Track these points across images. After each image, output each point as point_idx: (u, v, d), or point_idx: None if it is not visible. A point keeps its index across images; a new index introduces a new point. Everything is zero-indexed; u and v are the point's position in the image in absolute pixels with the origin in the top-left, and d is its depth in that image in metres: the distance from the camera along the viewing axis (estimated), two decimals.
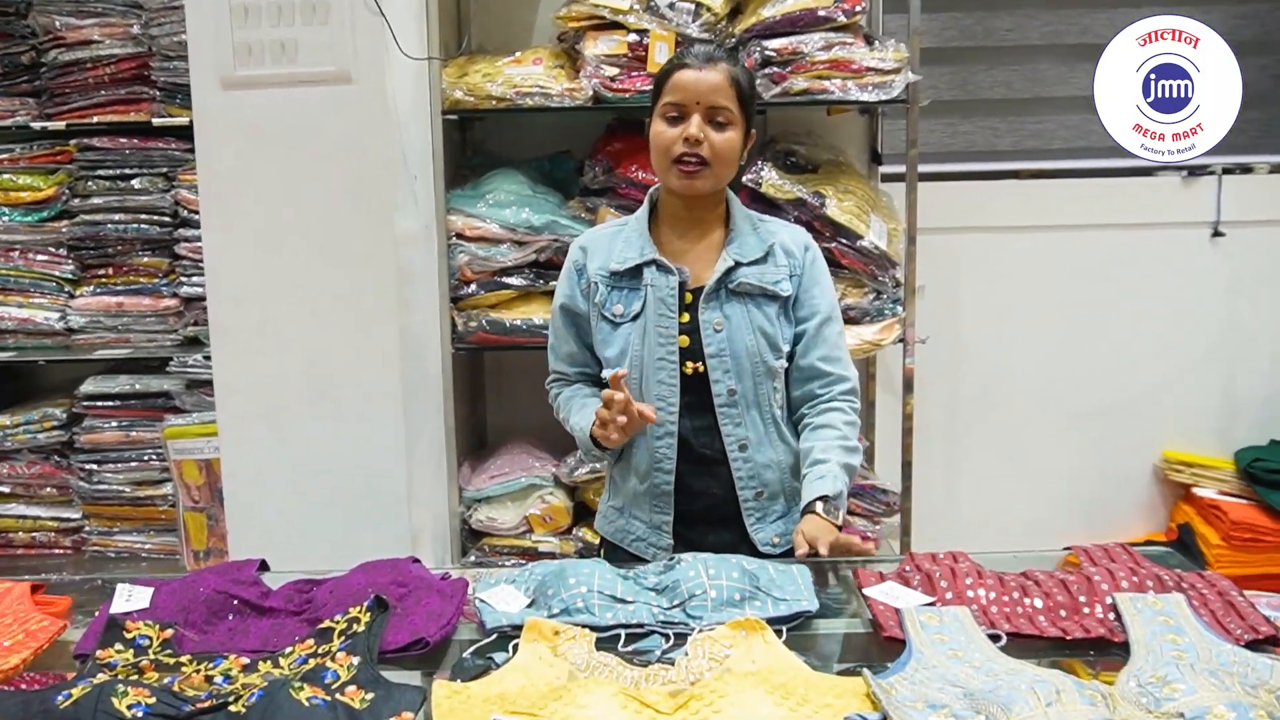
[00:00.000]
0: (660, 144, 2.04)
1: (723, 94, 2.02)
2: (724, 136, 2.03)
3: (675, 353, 2.07)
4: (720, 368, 2.07)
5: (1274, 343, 3.64)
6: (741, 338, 2.07)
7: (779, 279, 2.11)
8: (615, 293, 2.11)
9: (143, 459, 3.14)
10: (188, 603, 1.75)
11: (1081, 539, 3.55)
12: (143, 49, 3.02)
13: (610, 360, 2.12)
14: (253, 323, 2.64)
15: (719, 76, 2.02)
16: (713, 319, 2.07)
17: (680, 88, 2.02)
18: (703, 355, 2.07)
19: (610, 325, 2.12)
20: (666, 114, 2.04)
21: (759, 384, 2.09)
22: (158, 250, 3.11)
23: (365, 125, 2.56)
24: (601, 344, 2.13)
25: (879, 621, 1.69)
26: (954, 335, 3.45)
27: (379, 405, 2.65)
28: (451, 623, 1.71)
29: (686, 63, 2.04)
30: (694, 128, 2.01)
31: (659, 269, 2.09)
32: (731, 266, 2.08)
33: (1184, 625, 1.64)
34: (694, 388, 2.09)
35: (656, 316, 2.08)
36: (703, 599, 1.73)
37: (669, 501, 2.13)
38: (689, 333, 2.08)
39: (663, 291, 2.08)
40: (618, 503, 2.22)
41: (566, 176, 3.24)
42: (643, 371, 2.09)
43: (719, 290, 2.08)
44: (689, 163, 2.02)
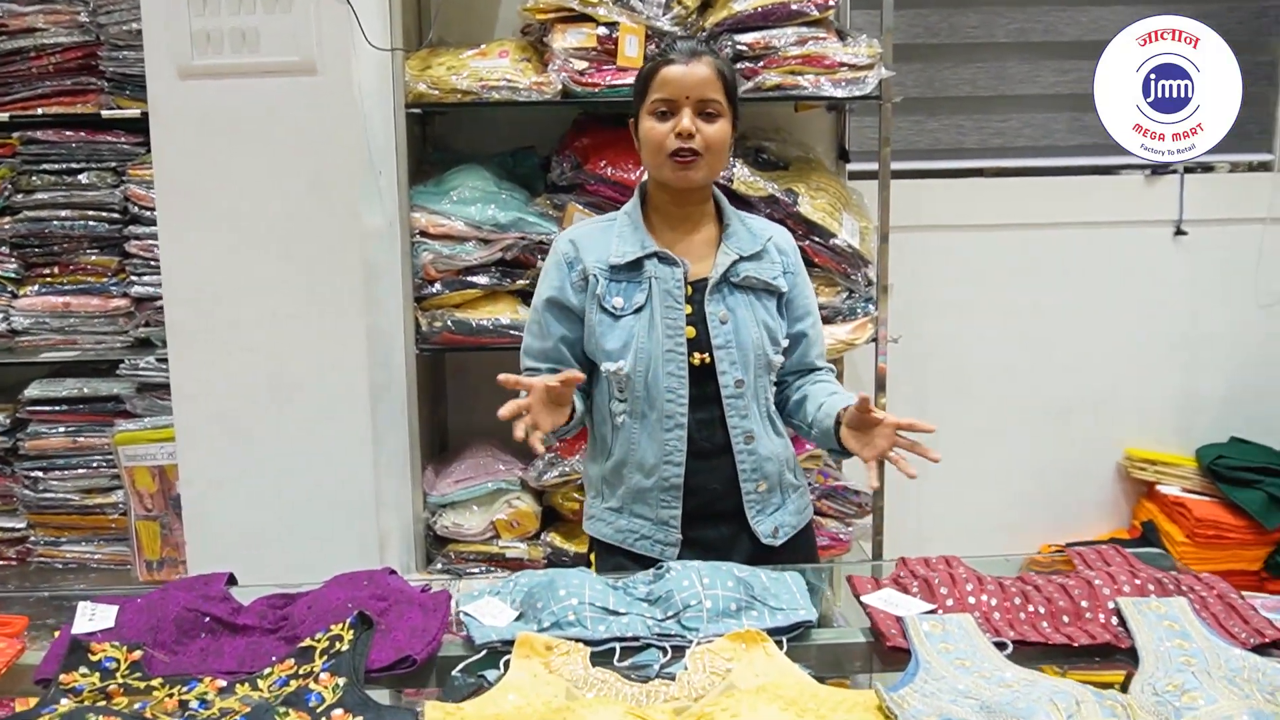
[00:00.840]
0: (653, 140, 2.05)
1: (711, 86, 2.03)
2: (715, 128, 2.04)
3: (684, 344, 2.07)
4: (727, 359, 2.07)
5: (1234, 340, 3.67)
6: (748, 330, 2.09)
7: (776, 275, 2.14)
8: (615, 285, 2.09)
9: (91, 465, 3.03)
10: (156, 621, 1.66)
11: (1047, 537, 3.67)
12: (90, 38, 2.89)
13: (611, 353, 2.08)
14: (211, 323, 2.53)
15: (706, 70, 2.03)
16: (718, 311, 2.08)
17: (669, 83, 2.03)
18: (709, 347, 2.07)
19: (610, 318, 2.09)
20: (656, 110, 2.04)
21: (759, 376, 2.11)
22: (106, 248, 2.99)
23: (330, 118, 2.47)
24: (601, 337, 2.09)
25: (880, 631, 1.66)
26: (920, 334, 3.43)
27: (346, 408, 2.56)
28: (437, 639, 1.64)
29: (672, 59, 2.05)
30: (686, 121, 2.02)
31: (662, 261, 2.09)
32: (734, 260, 2.10)
33: (1190, 630, 1.62)
34: (700, 379, 2.08)
35: (663, 309, 2.07)
36: (698, 609, 1.69)
37: (677, 496, 2.10)
38: (693, 324, 2.08)
39: (668, 284, 2.08)
40: (614, 503, 2.17)
41: (530, 172, 3.17)
42: (649, 364, 2.06)
43: (723, 284, 2.09)
44: (684, 155, 2.03)
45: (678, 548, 2.10)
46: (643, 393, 2.07)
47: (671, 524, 2.11)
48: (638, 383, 2.06)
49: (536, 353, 2.17)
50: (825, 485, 3.11)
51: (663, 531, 2.12)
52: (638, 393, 2.07)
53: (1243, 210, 3.60)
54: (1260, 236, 3.60)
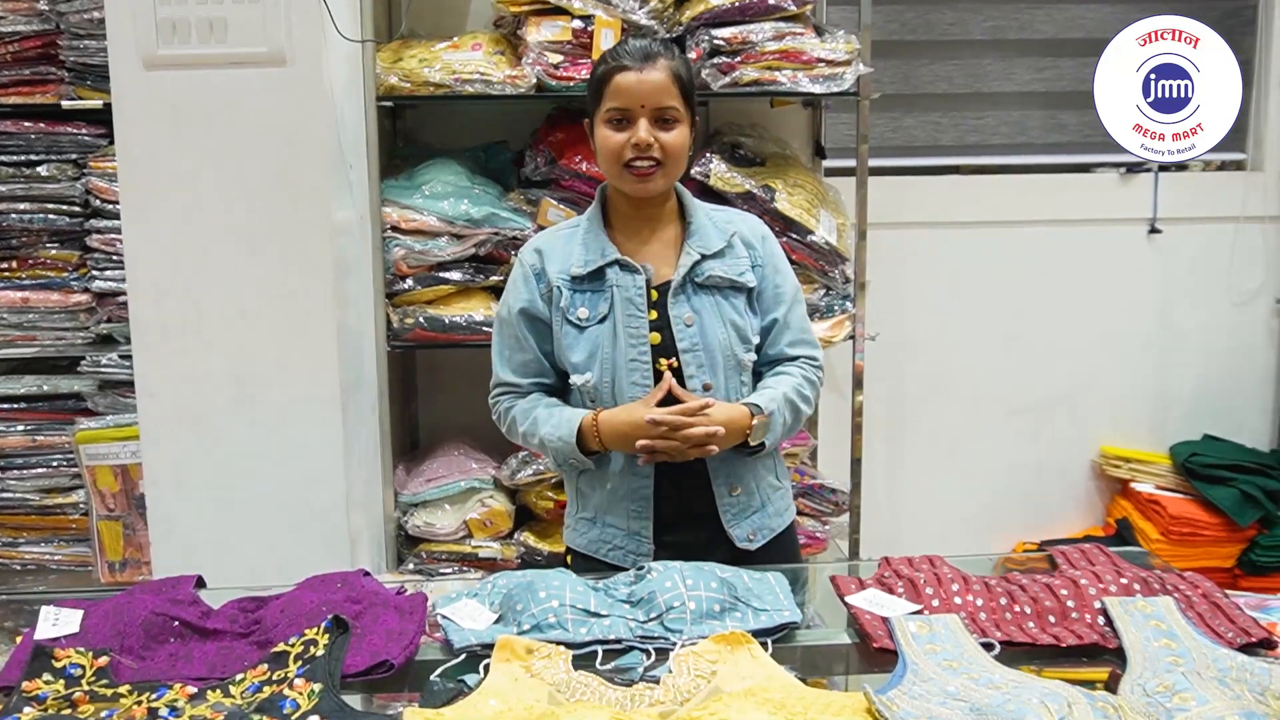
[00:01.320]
0: (609, 150, 1.98)
1: (667, 93, 1.96)
2: (673, 135, 1.97)
3: (647, 352, 2.01)
4: (694, 362, 2.02)
5: (1208, 338, 3.69)
6: (714, 331, 2.03)
7: (743, 270, 2.07)
8: (578, 295, 2.04)
9: (51, 465, 2.97)
10: (123, 626, 1.61)
11: (1022, 535, 3.67)
12: (50, 26, 2.82)
13: (578, 365, 2.03)
14: (177, 319, 2.47)
15: (661, 75, 1.95)
16: (683, 314, 2.02)
17: (622, 92, 1.95)
18: (675, 351, 2.01)
19: (575, 329, 2.04)
20: (610, 119, 1.97)
21: (729, 378, 2.05)
22: (67, 242, 2.92)
23: (299, 110, 2.42)
24: (567, 349, 2.04)
25: (866, 632, 1.63)
26: (896, 331, 3.42)
27: (315, 406, 2.50)
28: (414, 642, 1.60)
29: (625, 65, 1.96)
30: (643, 132, 1.95)
31: (623, 268, 2.03)
32: (697, 260, 2.03)
33: (1176, 630, 1.61)
34: None
35: (625, 317, 2.01)
36: (681, 611, 1.66)
37: (648, 505, 2.05)
38: (659, 329, 2.02)
39: (630, 291, 2.02)
40: (588, 513, 2.12)
41: (503, 167, 3.12)
42: (614, 373, 2.01)
43: (686, 285, 2.03)
44: (641, 166, 1.96)
45: (650, 558, 2.04)
46: (610, 403, 2.01)
47: (643, 534, 2.06)
48: (604, 394, 2.01)
49: (518, 366, 2.10)
50: (802, 484, 3.09)
51: (634, 542, 2.06)
52: (606, 404, 2.02)
53: (1217, 209, 3.62)
54: (1234, 235, 3.62)
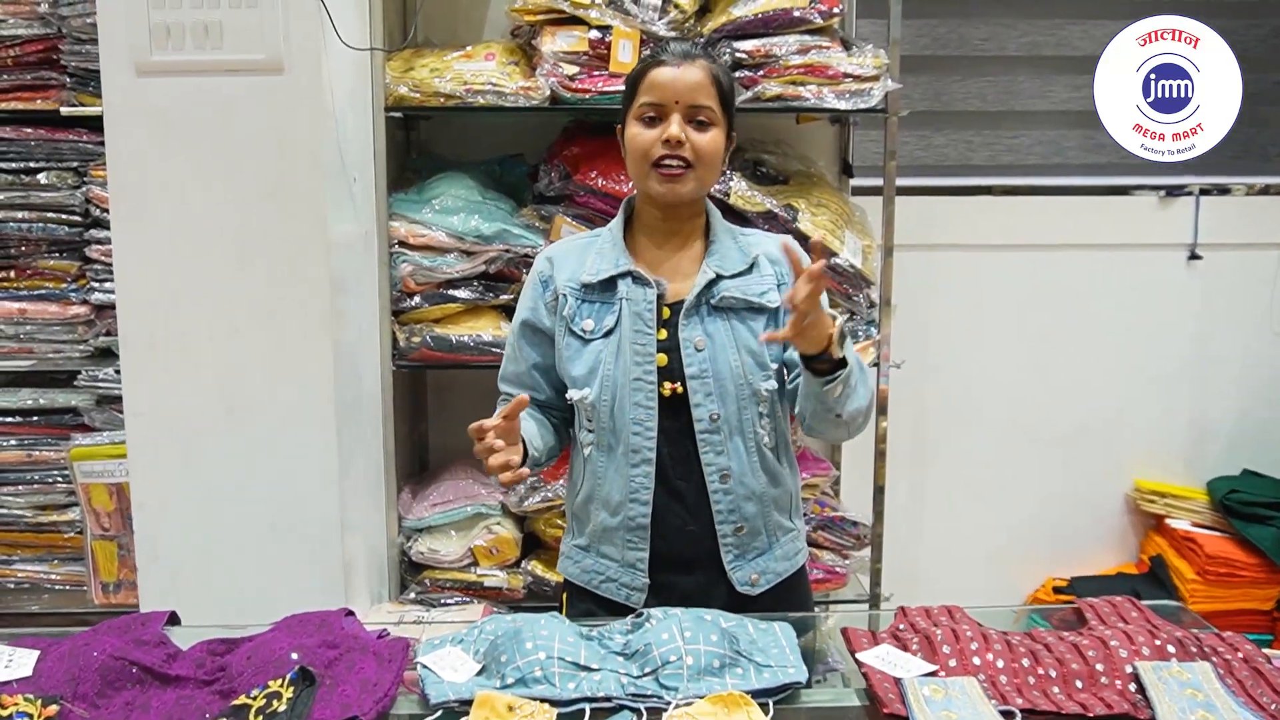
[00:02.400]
0: (638, 147, 1.89)
1: (704, 92, 1.88)
2: (707, 137, 1.88)
3: (653, 372, 1.90)
4: (702, 390, 1.90)
5: (1248, 369, 3.55)
6: (725, 358, 1.91)
7: (765, 289, 1.95)
8: (586, 306, 1.94)
9: (46, 481, 2.88)
10: (78, 671, 1.53)
11: (1052, 570, 3.54)
12: (51, 30, 2.73)
13: (577, 380, 1.93)
14: (166, 336, 2.37)
15: (699, 74, 1.88)
16: (693, 337, 1.91)
17: (657, 86, 1.87)
18: (682, 376, 1.90)
19: (579, 341, 1.94)
20: (643, 115, 1.89)
21: (743, 409, 1.92)
22: (66, 252, 2.84)
23: (297, 120, 2.32)
24: (568, 361, 1.95)
25: (877, 694, 1.52)
26: (923, 356, 3.30)
27: (308, 427, 2.40)
28: (390, 695, 1.51)
29: (663, 60, 1.89)
30: (674, 128, 1.86)
31: (635, 281, 1.93)
32: (712, 279, 1.92)
33: (1214, 700, 1.50)
34: (672, 411, 1.91)
35: (632, 333, 1.91)
36: (678, 666, 1.56)
37: (644, 536, 1.94)
38: (667, 351, 1.91)
39: (639, 305, 1.92)
40: (583, 541, 2.03)
41: (518, 181, 3.02)
42: (615, 392, 1.91)
43: (699, 305, 1.92)
44: (670, 166, 1.87)
45: (644, 593, 1.94)
46: (609, 423, 1.92)
47: (639, 566, 1.95)
48: (604, 412, 1.91)
49: (511, 378, 2.05)
50: (822, 516, 2.97)
51: (629, 574, 1.96)
52: (604, 423, 1.92)
53: (1259, 235, 3.49)
54: (1277, 261, 3.49)
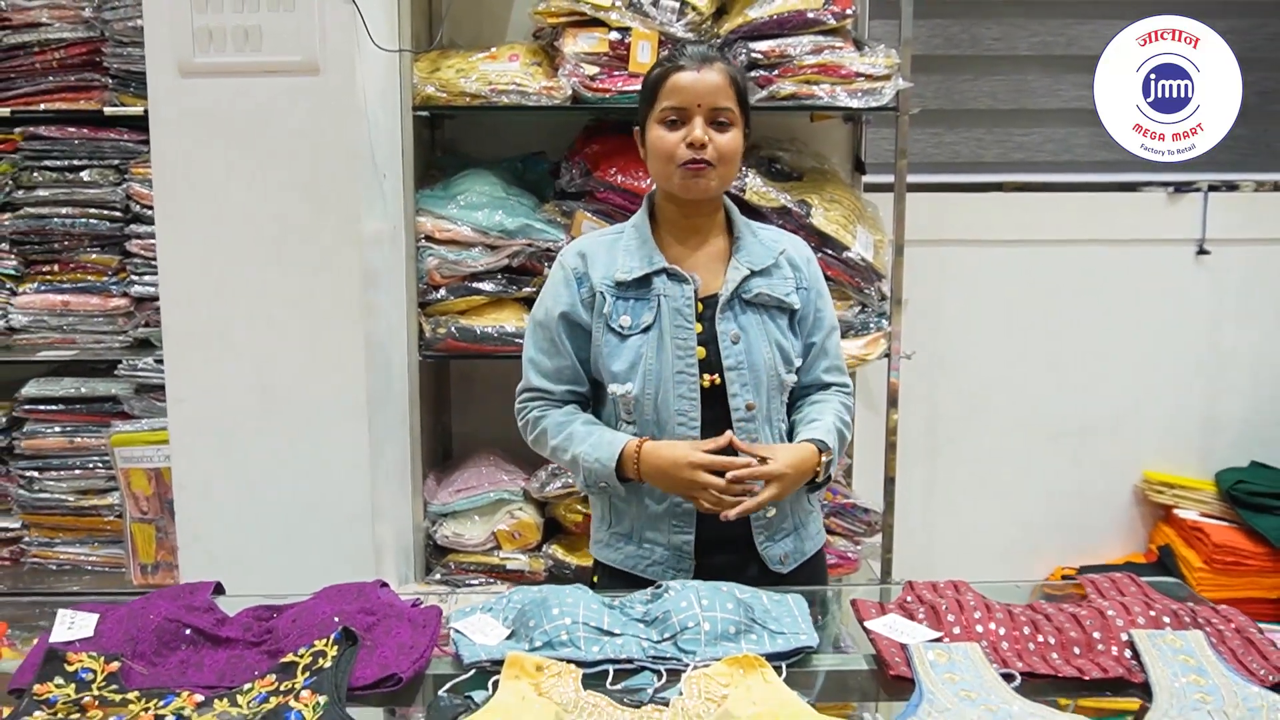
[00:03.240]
0: (663, 150, 1.97)
1: (724, 94, 1.97)
2: (727, 137, 1.98)
3: (695, 365, 1.99)
4: (739, 380, 1.99)
5: (1256, 362, 3.60)
6: (759, 350, 2.01)
7: (789, 291, 2.06)
8: (621, 303, 2.01)
9: (87, 466, 2.97)
10: (136, 632, 1.62)
11: (1061, 560, 3.60)
12: (95, 34, 2.84)
13: (618, 375, 2.01)
14: (207, 326, 2.48)
15: (719, 77, 1.97)
16: (729, 330, 2.00)
17: (680, 90, 1.96)
18: (720, 368, 1.99)
19: (618, 338, 2.01)
20: (666, 119, 1.97)
21: (772, 398, 2.03)
22: (107, 247, 2.94)
23: (332, 119, 2.42)
24: (608, 357, 2.02)
25: (884, 658, 1.60)
26: (934, 349, 3.38)
27: (341, 415, 2.50)
28: (425, 656, 1.59)
29: (682, 65, 1.97)
30: (699, 130, 1.95)
31: (670, 278, 2.01)
32: (746, 276, 2.02)
33: (1206, 665, 1.56)
34: (710, 401, 2.00)
35: (673, 328, 1.99)
36: (695, 632, 1.63)
37: (691, 521, 2.02)
38: (704, 344, 2.00)
39: (678, 301, 2.00)
40: (623, 528, 2.09)
41: (540, 179, 3.12)
42: (659, 385, 1.99)
43: (734, 301, 2.02)
44: (696, 164, 1.96)
45: (691, 574, 2.01)
46: (652, 416, 1.99)
47: (685, 549, 2.03)
48: (646, 406, 1.99)
49: (552, 373, 2.07)
50: (834, 503, 3.05)
51: (676, 557, 2.04)
52: (647, 416, 2.00)
53: (1267, 230, 3.53)
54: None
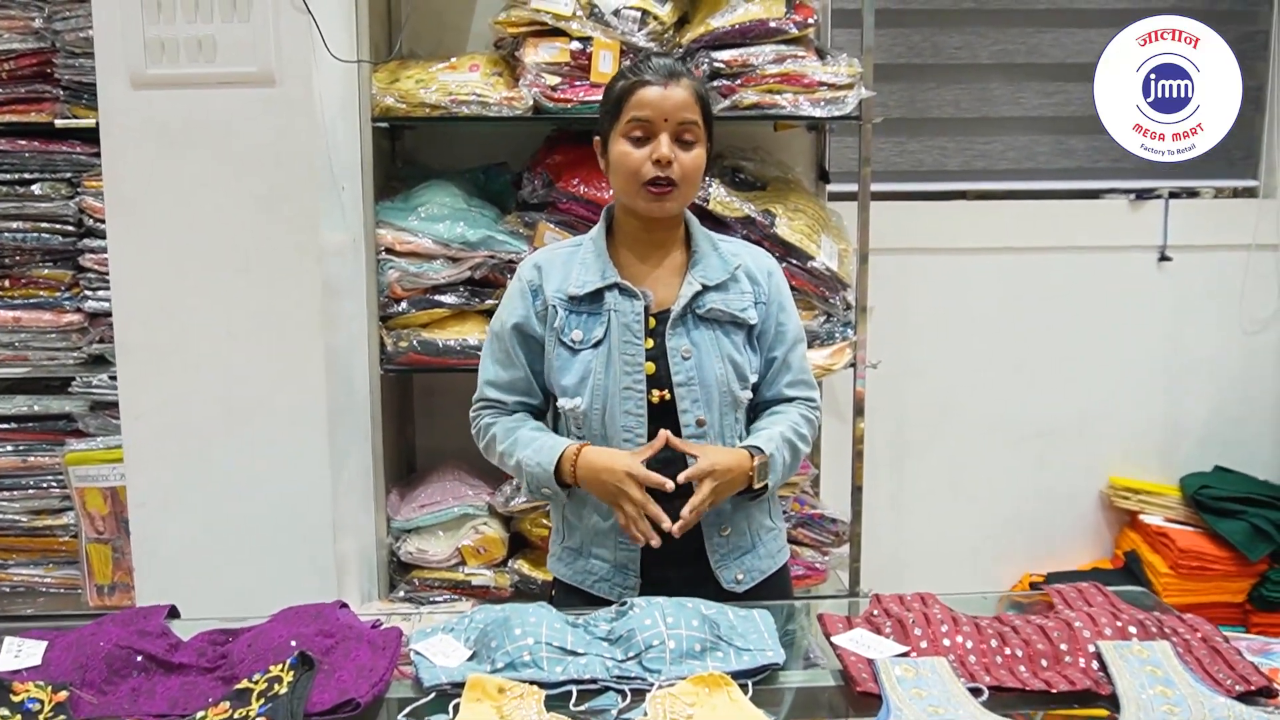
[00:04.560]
0: (627, 166, 1.93)
1: (690, 109, 1.93)
2: (692, 155, 1.94)
3: (642, 381, 1.96)
4: (689, 397, 1.96)
5: (1219, 368, 3.63)
6: (711, 366, 1.97)
7: (745, 306, 2.01)
8: (574, 317, 1.98)
9: (41, 486, 2.93)
10: (85, 659, 1.58)
11: (1028, 566, 3.61)
12: (45, 45, 2.80)
13: (567, 389, 1.98)
14: (162, 341, 2.44)
15: (684, 93, 1.93)
16: (680, 346, 1.97)
17: (646, 105, 1.92)
18: (670, 383, 1.96)
19: (569, 352, 1.99)
20: (630, 134, 1.93)
21: (725, 415, 1.99)
22: (60, 261, 2.90)
23: (288, 130, 2.39)
24: (559, 371, 1.99)
25: (851, 674, 1.58)
26: (899, 358, 3.37)
27: (301, 430, 2.47)
28: (384, 680, 1.56)
29: (648, 79, 1.93)
30: (665, 148, 1.91)
31: (622, 293, 1.98)
32: (698, 291, 1.98)
33: (1173, 676, 1.56)
34: (659, 418, 1.96)
35: (621, 343, 1.96)
36: (660, 650, 1.61)
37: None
38: (654, 359, 1.97)
39: (627, 317, 1.97)
40: (574, 543, 2.08)
41: (502, 189, 3.09)
42: (606, 401, 1.96)
43: (686, 316, 1.98)
44: (660, 184, 1.92)
45: (636, 592, 1.99)
46: (599, 431, 1.97)
47: (630, 567, 2.01)
48: (594, 420, 1.97)
49: (505, 384, 2.05)
50: (801, 513, 3.04)
51: (621, 575, 2.01)
52: (595, 431, 1.97)
53: (1228, 236, 3.57)
54: (1245, 263, 3.57)
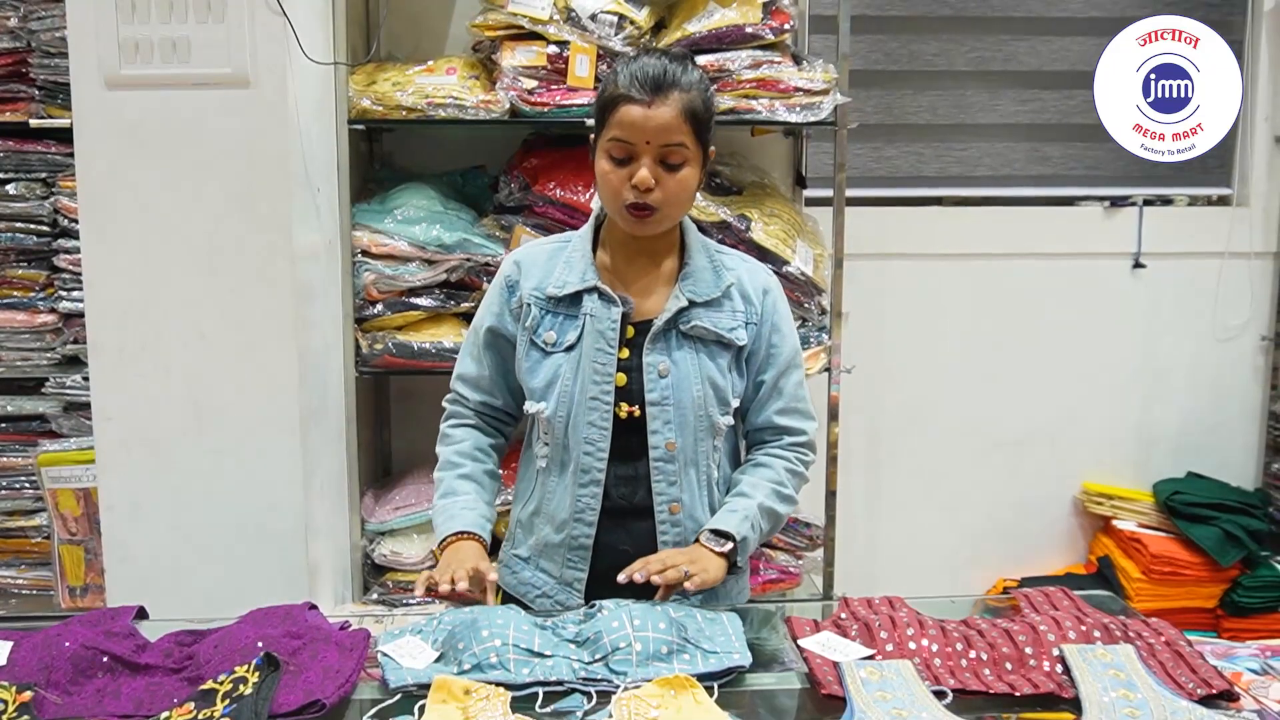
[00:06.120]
0: (608, 186, 1.83)
1: (676, 130, 1.78)
2: (678, 177, 1.81)
3: (610, 393, 1.87)
4: (661, 417, 1.87)
5: (1192, 374, 3.66)
6: (688, 386, 1.87)
7: (734, 326, 1.90)
8: (550, 318, 1.90)
9: (14, 487, 2.92)
10: (51, 659, 1.57)
11: (1003, 571, 3.62)
12: (21, 44, 2.78)
13: (535, 392, 1.91)
14: (135, 342, 2.43)
15: (670, 112, 1.77)
16: (658, 362, 1.87)
17: (627, 125, 1.78)
18: (642, 400, 1.87)
19: (540, 353, 1.91)
20: (612, 152, 1.81)
21: (700, 440, 1.90)
22: (34, 262, 2.88)
23: (263, 132, 2.39)
24: (528, 373, 1.92)
25: (816, 677, 1.59)
26: (874, 362, 3.39)
27: (273, 432, 2.46)
28: (351, 681, 1.56)
29: (632, 96, 1.77)
30: (644, 171, 1.78)
31: (601, 298, 1.88)
32: (685, 306, 1.86)
33: (1135, 679, 1.57)
34: (627, 434, 1.88)
35: (593, 350, 1.87)
36: (627, 652, 1.61)
37: (585, 557, 1.91)
38: (628, 371, 1.88)
39: (602, 324, 1.87)
40: (523, 552, 2.00)
41: (479, 192, 3.10)
42: (571, 409, 1.88)
43: (669, 331, 1.88)
44: (639, 209, 1.81)
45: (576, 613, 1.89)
46: (562, 439, 1.89)
47: (575, 586, 1.92)
48: (558, 428, 1.89)
49: (472, 380, 2.01)
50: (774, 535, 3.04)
51: (565, 593, 1.93)
52: (558, 439, 1.90)
53: (1201, 244, 3.59)
54: (1218, 271, 3.59)
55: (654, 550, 1.88)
